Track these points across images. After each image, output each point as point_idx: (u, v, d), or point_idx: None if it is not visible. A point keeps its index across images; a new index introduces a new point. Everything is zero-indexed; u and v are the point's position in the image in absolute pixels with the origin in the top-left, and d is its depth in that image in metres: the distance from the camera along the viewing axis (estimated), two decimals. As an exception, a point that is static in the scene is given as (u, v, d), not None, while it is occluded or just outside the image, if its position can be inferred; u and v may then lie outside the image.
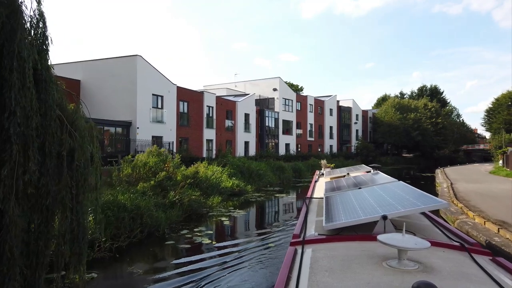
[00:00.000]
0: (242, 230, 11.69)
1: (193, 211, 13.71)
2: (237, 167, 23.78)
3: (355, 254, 2.57)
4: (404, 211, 3.07)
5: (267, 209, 17.54)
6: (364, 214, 3.21)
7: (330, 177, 8.99)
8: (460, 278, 2.14)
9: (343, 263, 2.41)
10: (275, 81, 47.20)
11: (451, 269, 2.28)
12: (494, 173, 29.84)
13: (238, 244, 9.94)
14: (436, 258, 2.47)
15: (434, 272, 2.20)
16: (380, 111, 68.94)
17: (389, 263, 2.31)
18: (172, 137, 28.89)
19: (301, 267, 2.38)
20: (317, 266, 2.40)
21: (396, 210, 3.13)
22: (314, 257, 2.60)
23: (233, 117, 38.21)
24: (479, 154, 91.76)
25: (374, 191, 4.34)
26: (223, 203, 16.58)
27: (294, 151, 47.16)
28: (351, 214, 3.37)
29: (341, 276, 2.19)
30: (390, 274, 2.15)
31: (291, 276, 2.27)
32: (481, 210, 12.06)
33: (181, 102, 31.07)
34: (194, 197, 14.25)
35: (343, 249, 2.75)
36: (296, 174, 33.04)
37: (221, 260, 8.44)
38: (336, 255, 2.59)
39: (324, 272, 2.26)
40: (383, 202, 3.58)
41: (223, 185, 19.18)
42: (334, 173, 9.77)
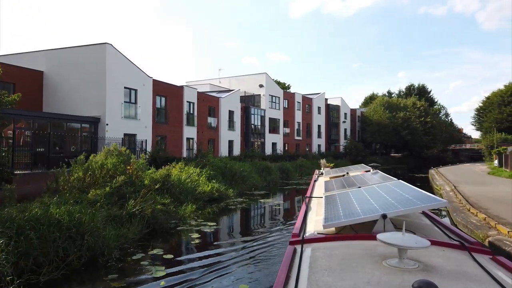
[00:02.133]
0: (212, 254, 8.94)
1: (158, 224, 11.16)
2: (218, 168, 21.27)
3: (355, 253, 2.53)
4: (404, 210, 3.00)
5: (248, 220, 14.97)
6: (364, 213, 3.13)
7: (329, 177, 8.91)
8: (461, 277, 2.10)
9: (342, 262, 2.37)
10: (261, 77, 44.80)
11: (451, 268, 2.24)
12: (493, 174, 28.05)
13: (201, 278, 7.31)
14: (436, 257, 2.42)
15: (434, 271, 2.16)
16: (369, 109, 67.27)
17: (389, 262, 2.26)
18: (147, 135, 26.19)
19: (300, 266, 2.33)
20: (316, 265, 2.35)
21: (395, 209, 3.06)
22: (314, 256, 2.55)
23: (216, 114, 35.65)
24: (466, 153, 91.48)
25: (373, 190, 4.26)
26: (198, 212, 14.06)
27: (281, 151, 44.83)
28: (350, 213, 3.29)
29: (341, 275, 2.15)
30: (390, 273, 2.11)
31: (290, 275, 2.23)
32: (509, 222, 9.85)
33: (158, 97, 28.37)
34: (160, 207, 11.68)
35: (342, 248, 2.71)
36: (283, 175, 30.70)
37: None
38: (335, 254, 2.55)
39: (323, 271, 2.21)
40: (382, 201, 3.53)
41: (200, 190, 16.65)
42: (334, 173, 9.70)
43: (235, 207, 16.03)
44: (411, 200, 3.29)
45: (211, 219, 13.39)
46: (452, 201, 15.00)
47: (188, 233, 10.96)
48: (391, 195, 3.74)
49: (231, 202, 17.10)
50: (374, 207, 3.34)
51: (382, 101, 67.51)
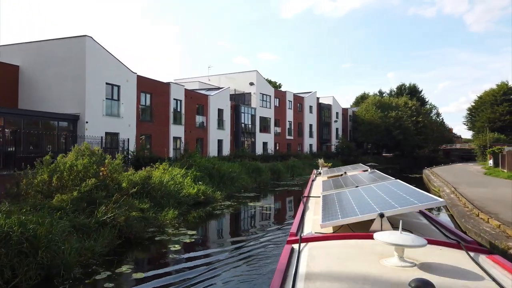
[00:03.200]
0: (190, 272, 7.55)
1: (133, 234, 9.85)
2: (205, 169, 19.98)
3: (352, 252, 2.54)
4: (401, 209, 2.99)
5: (235, 227, 13.53)
6: (361, 212, 3.13)
7: (327, 176, 8.87)
8: (457, 275, 2.10)
9: (340, 261, 2.37)
10: (252, 74, 43.56)
11: (448, 266, 2.24)
12: (491, 175, 27.20)
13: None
14: (433, 255, 2.43)
15: (431, 269, 2.16)
16: (361, 109, 66.46)
17: (386, 261, 2.26)
18: (131, 134, 24.76)
19: (297, 265, 2.33)
20: (313, 264, 2.34)
21: (393, 208, 3.06)
22: (311, 255, 2.54)
23: (205, 113, 34.31)
24: (457, 153, 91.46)
25: (371, 189, 4.27)
26: (180, 218, 12.76)
27: (272, 151, 43.67)
28: (348, 212, 3.31)
29: (338, 273, 2.15)
30: (387, 272, 2.11)
31: (288, 274, 2.22)
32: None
33: (143, 93, 26.95)
34: (136, 213, 10.37)
35: (340, 247, 2.70)
36: (274, 176, 29.53)
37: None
38: (333, 253, 2.56)
39: (321, 270, 2.22)
40: (380, 200, 3.51)
41: (184, 193, 15.36)
42: (332, 172, 9.64)
43: (221, 211, 14.72)
44: (408, 199, 3.27)
45: (194, 226, 12.11)
46: (456, 204, 13.95)
47: (166, 244, 9.65)
48: (388, 195, 3.69)
49: (218, 206, 15.83)
50: (371, 206, 3.30)
51: (374, 101, 66.76)
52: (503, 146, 39.72)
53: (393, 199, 3.45)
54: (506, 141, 48.58)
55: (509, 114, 54.39)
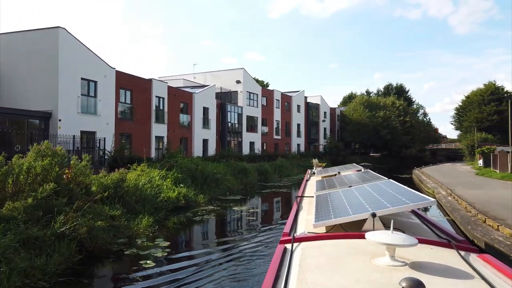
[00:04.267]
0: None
1: (98, 247, 8.52)
2: (188, 170, 18.66)
3: (345, 252, 2.53)
4: (392, 209, 2.99)
5: (215, 235, 12.02)
6: (354, 212, 3.14)
7: (321, 176, 8.83)
8: (448, 274, 2.10)
9: (332, 260, 2.37)
10: (239, 72, 42.31)
11: (439, 265, 2.25)
12: (483, 175, 26.53)
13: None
14: (424, 255, 2.44)
15: (421, 268, 2.16)
16: (349, 108, 65.82)
17: (377, 260, 2.26)
18: (109, 133, 23.24)
19: (290, 265, 2.33)
20: (306, 263, 2.33)
21: (385, 207, 3.06)
22: (304, 254, 2.54)
23: (190, 111, 32.92)
24: (443, 153, 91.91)
25: (364, 189, 4.27)
26: (156, 226, 11.43)
27: (259, 150, 42.49)
28: (341, 212, 3.31)
29: (330, 273, 2.14)
30: (379, 271, 2.11)
31: (280, 274, 2.22)
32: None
33: (122, 90, 25.45)
34: (101, 223, 9.02)
35: (332, 246, 2.70)
36: (262, 177, 28.36)
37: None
38: (325, 253, 2.56)
39: (313, 270, 2.20)
40: (372, 200, 3.51)
41: (163, 196, 14.04)
42: (325, 172, 9.55)
43: (201, 218, 13.36)
44: (400, 199, 3.26)
45: (170, 235, 10.83)
46: (457, 208, 12.96)
47: (136, 258, 8.33)
48: (381, 194, 3.69)
49: (200, 211, 14.52)
50: (364, 206, 3.30)
51: (361, 100, 66.20)
52: (492, 146, 39.38)
53: (385, 198, 3.43)
54: (493, 141, 48.45)
55: (497, 114, 54.36)
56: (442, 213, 14.58)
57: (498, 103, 55.13)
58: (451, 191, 17.35)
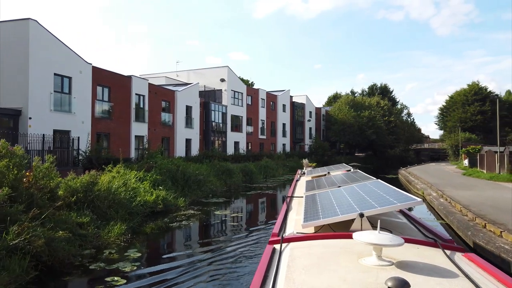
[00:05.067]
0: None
1: (58, 260, 7.47)
2: (168, 171, 17.62)
3: (332, 252, 2.55)
4: (380, 209, 3.01)
5: (193, 244, 10.57)
6: (342, 212, 3.15)
7: (311, 176, 8.77)
8: (433, 273, 2.12)
9: (320, 260, 2.38)
10: (223, 70, 41.31)
11: (425, 265, 2.26)
12: (470, 175, 26.24)
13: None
14: (411, 254, 2.44)
15: (408, 268, 2.17)
16: (334, 108, 65.50)
17: (364, 260, 2.27)
18: (84, 132, 21.95)
19: (278, 265, 2.32)
20: (294, 264, 2.33)
21: (372, 208, 3.07)
22: (292, 255, 2.53)
23: (172, 110, 31.76)
24: (426, 153, 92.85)
25: (352, 189, 4.28)
26: (129, 233, 10.38)
27: (244, 150, 41.57)
28: (329, 212, 3.30)
29: (318, 273, 2.14)
30: (366, 271, 2.12)
31: (268, 274, 2.21)
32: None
33: (100, 87, 24.17)
34: (62, 233, 7.95)
35: (320, 246, 2.71)
36: (247, 178, 27.42)
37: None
38: (313, 253, 2.56)
39: (301, 270, 2.20)
40: (360, 200, 3.53)
41: (139, 200, 12.99)
42: (315, 172, 9.51)
43: (179, 224, 12.29)
44: (387, 199, 3.26)
45: (144, 245, 9.82)
46: (451, 211, 12.31)
47: (100, 275, 7.24)
48: (369, 194, 3.67)
49: (179, 216, 13.50)
50: (352, 206, 3.28)
51: (347, 100, 65.96)
52: (476, 145, 39.44)
53: (373, 199, 3.43)
54: (477, 141, 48.72)
55: (480, 114, 54.79)
56: (435, 216, 13.97)
57: (482, 103, 55.59)
58: (442, 192, 16.79)
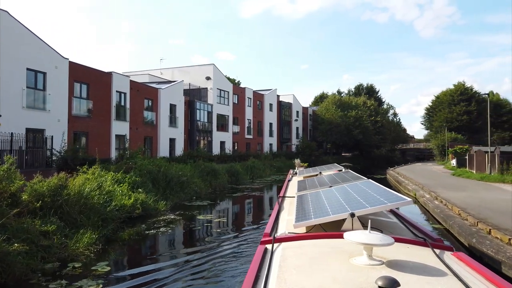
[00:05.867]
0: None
1: (14, 278, 6.44)
2: (149, 173, 16.57)
3: (324, 251, 2.57)
4: (371, 209, 3.04)
5: (171, 256, 9.16)
6: (333, 212, 3.17)
7: (303, 176, 8.78)
8: (422, 272, 2.15)
9: (311, 260, 2.39)
10: (209, 68, 40.28)
11: (414, 264, 2.28)
12: (460, 176, 25.88)
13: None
14: (401, 253, 2.47)
15: (397, 267, 2.19)
16: (321, 108, 65.08)
17: (355, 260, 2.28)
18: (60, 131, 20.63)
19: (270, 265, 2.33)
20: (286, 264, 2.34)
21: (363, 207, 3.11)
22: (284, 255, 2.54)
23: (155, 108, 30.61)
24: (412, 153, 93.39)
25: (343, 189, 4.31)
26: (100, 243, 9.35)
27: (230, 150, 40.62)
28: (321, 212, 3.33)
29: (309, 273, 2.16)
30: (356, 270, 2.13)
31: (260, 274, 2.22)
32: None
33: (77, 83, 22.92)
34: (17, 246, 6.92)
35: (312, 246, 2.73)
36: (233, 179, 26.49)
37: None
38: (305, 253, 2.58)
39: (292, 270, 2.21)
40: (351, 200, 3.55)
41: (115, 204, 11.94)
42: (307, 172, 9.57)
43: (156, 231, 11.21)
44: (378, 199, 3.28)
45: (115, 256, 8.83)
46: (449, 215, 11.64)
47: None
48: (360, 194, 3.70)
49: (158, 221, 12.48)
50: (343, 206, 3.31)
51: (334, 99, 65.59)
52: (464, 145, 39.37)
53: (364, 198, 3.45)
54: (463, 141, 48.83)
55: (466, 114, 55.01)
56: (430, 219, 13.31)
57: (467, 103, 55.84)
58: (436, 193, 16.19)
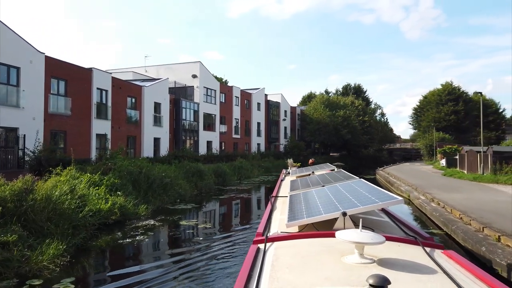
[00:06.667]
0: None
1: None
2: (130, 174, 15.51)
3: (316, 250, 2.57)
4: (362, 208, 3.03)
5: (146, 270, 7.84)
6: (326, 212, 3.17)
7: (296, 176, 8.78)
8: (413, 270, 2.16)
9: (303, 259, 2.39)
10: (195, 66, 39.23)
11: (405, 262, 2.29)
12: (451, 176, 25.41)
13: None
14: (392, 252, 2.47)
15: (388, 265, 2.19)
16: (309, 107, 64.58)
17: (347, 258, 2.29)
18: (35, 130, 19.35)
19: (262, 265, 2.31)
20: (278, 263, 2.33)
21: (355, 206, 3.10)
22: (276, 254, 2.53)
23: (139, 107, 29.43)
24: (399, 153, 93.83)
25: (336, 189, 4.29)
26: (69, 254, 8.32)
27: (217, 150, 39.61)
28: (313, 211, 3.32)
29: (301, 272, 2.15)
30: (348, 269, 2.14)
31: (252, 274, 2.20)
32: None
33: (55, 79, 21.66)
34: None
35: (304, 245, 2.72)
36: (220, 180, 25.52)
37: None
38: (297, 252, 2.58)
39: (285, 269, 2.21)
40: (343, 199, 3.55)
41: (89, 210, 10.87)
42: (300, 172, 9.59)
43: (132, 240, 10.09)
44: (370, 198, 3.29)
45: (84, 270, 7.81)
46: (450, 219, 10.93)
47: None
48: (352, 194, 3.72)
49: (137, 228, 11.44)
50: (335, 205, 3.33)
51: (322, 99, 65.15)
52: (453, 145, 39.17)
53: (356, 198, 3.45)
54: (451, 141, 48.81)
55: (454, 113, 55.09)
56: (427, 223, 12.62)
57: (455, 103, 55.93)
58: (431, 195, 15.55)
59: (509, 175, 20.15)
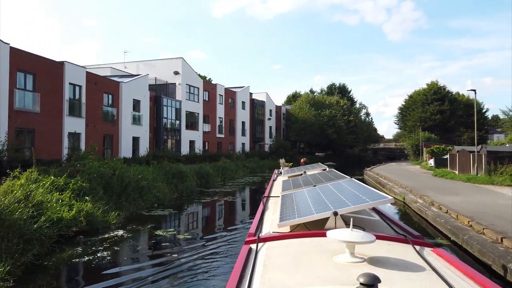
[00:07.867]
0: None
1: None
2: (100, 177, 13.97)
3: (307, 250, 2.57)
4: (353, 207, 3.06)
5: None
6: (317, 211, 3.16)
7: (287, 176, 8.79)
8: (403, 268, 2.16)
9: (295, 259, 2.38)
10: (177, 62, 37.61)
11: (395, 260, 2.30)
12: (442, 176, 24.59)
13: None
14: (382, 251, 2.47)
15: (379, 264, 2.20)
16: (294, 106, 63.60)
17: (338, 258, 2.29)
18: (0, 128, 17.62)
19: (254, 265, 2.29)
20: (270, 263, 2.33)
21: (346, 206, 3.12)
22: (268, 254, 2.52)
23: (116, 104, 27.70)
24: (383, 153, 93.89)
25: (327, 188, 4.31)
26: (16, 274, 6.84)
27: (200, 150, 38.10)
28: (304, 211, 3.32)
29: (293, 272, 2.15)
30: (339, 268, 2.14)
31: (244, 274, 2.18)
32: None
33: (21, 73, 19.85)
34: None
35: (296, 245, 2.72)
36: (202, 182, 24.12)
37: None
38: (289, 252, 2.57)
39: (276, 269, 2.20)
40: (335, 199, 3.56)
41: (48, 219, 9.33)
42: (292, 172, 9.61)
43: (94, 256, 8.55)
44: (360, 197, 3.31)
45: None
46: (458, 227, 9.79)
47: None
48: (343, 193, 3.75)
49: (103, 240, 9.95)
50: (326, 205, 3.32)
51: (307, 98, 64.26)
52: (440, 145, 38.68)
53: (347, 197, 3.46)
54: (436, 140, 48.50)
55: (439, 113, 54.93)
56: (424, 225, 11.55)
57: (441, 102, 55.80)
58: (430, 198, 14.52)
59: (505, 176, 19.38)
